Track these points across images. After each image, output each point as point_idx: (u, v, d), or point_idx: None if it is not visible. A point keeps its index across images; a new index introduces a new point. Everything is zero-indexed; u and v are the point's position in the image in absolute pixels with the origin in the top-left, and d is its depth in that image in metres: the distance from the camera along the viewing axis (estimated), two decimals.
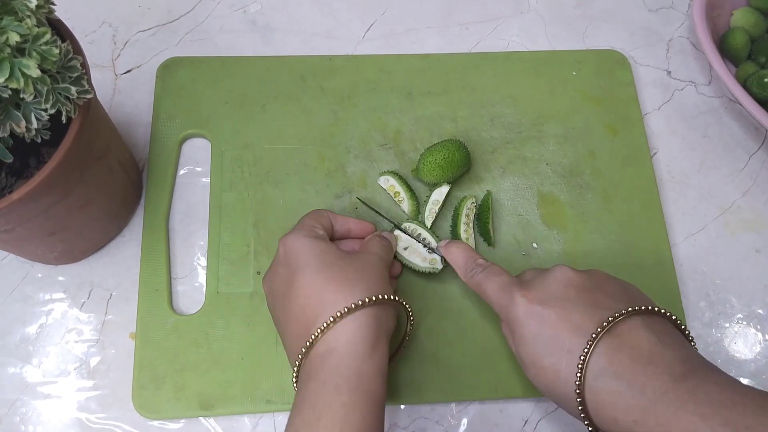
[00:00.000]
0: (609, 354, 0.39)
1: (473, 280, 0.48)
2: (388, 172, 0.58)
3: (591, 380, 0.39)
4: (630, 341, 0.39)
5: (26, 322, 0.53)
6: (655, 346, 0.39)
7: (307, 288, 0.43)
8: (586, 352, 0.39)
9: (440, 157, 0.55)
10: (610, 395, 0.38)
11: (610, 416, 0.38)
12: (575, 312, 0.41)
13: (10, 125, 0.37)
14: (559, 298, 0.42)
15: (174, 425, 0.50)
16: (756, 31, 0.66)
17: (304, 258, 0.44)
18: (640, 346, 0.39)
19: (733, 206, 0.62)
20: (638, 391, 0.37)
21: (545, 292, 0.43)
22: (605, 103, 0.64)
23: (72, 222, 0.48)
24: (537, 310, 0.42)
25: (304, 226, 0.48)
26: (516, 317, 0.43)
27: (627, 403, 0.37)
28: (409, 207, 0.57)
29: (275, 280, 0.46)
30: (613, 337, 0.39)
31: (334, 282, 0.43)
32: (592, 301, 0.42)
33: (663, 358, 0.38)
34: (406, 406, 0.52)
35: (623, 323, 0.40)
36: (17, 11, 0.35)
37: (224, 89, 0.61)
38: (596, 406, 0.39)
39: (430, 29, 0.68)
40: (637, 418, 0.37)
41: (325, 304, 0.42)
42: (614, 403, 0.38)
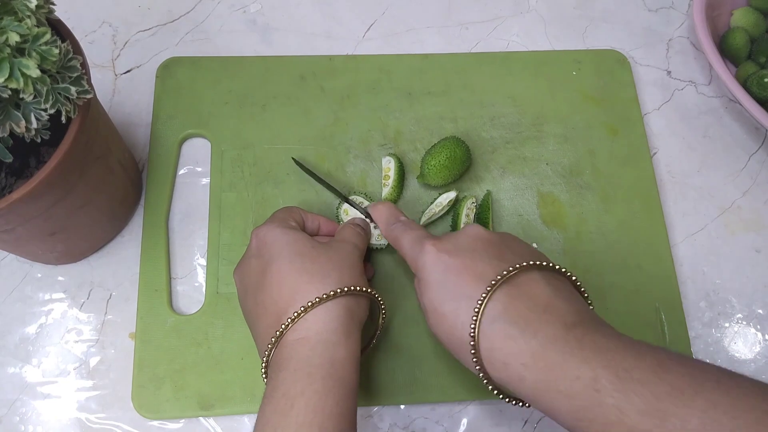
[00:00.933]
0: (506, 301, 0.40)
1: (392, 234, 0.49)
2: (394, 156, 0.58)
3: (486, 325, 0.39)
4: (527, 291, 0.40)
5: (26, 322, 0.53)
6: (551, 297, 0.40)
7: (279, 278, 0.43)
8: (484, 297, 0.39)
9: (443, 158, 0.55)
10: (503, 339, 0.38)
11: (500, 361, 0.39)
12: (479, 262, 0.42)
13: (10, 125, 0.37)
14: (466, 249, 0.43)
15: (174, 425, 0.50)
16: (756, 31, 0.66)
17: (276, 248, 0.45)
18: (537, 296, 0.40)
19: (733, 206, 0.62)
20: (531, 336, 0.38)
21: (454, 244, 0.44)
22: (605, 103, 0.64)
23: (72, 222, 0.48)
24: (443, 258, 0.43)
25: (276, 218, 0.49)
26: (423, 264, 0.44)
27: (519, 347, 0.38)
28: (388, 194, 0.57)
29: (247, 271, 0.46)
30: (511, 287, 0.40)
31: (306, 272, 0.43)
32: (497, 254, 0.43)
33: (557, 308, 0.39)
34: (406, 406, 0.52)
35: (523, 275, 0.41)
36: (17, 11, 0.35)
37: (224, 89, 0.61)
38: (489, 352, 0.39)
39: (430, 29, 0.68)
40: (526, 362, 0.37)
41: (298, 294, 0.42)
42: (506, 347, 0.38)
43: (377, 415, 0.51)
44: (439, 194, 0.57)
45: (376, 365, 0.52)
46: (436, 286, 0.42)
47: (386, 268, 0.55)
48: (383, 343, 0.52)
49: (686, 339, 0.55)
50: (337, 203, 0.56)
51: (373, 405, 0.51)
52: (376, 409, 0.52)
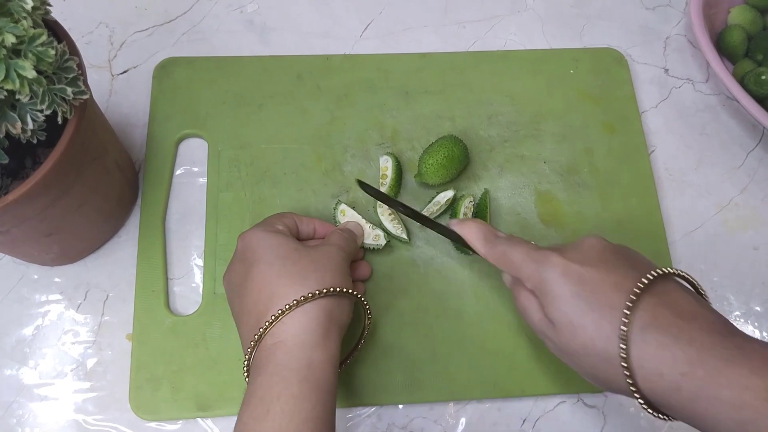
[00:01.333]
0: (651, 310, 0.38)
1: (496, 249, 0.46)
2: (391, 155, 0.58)
3: (635, 334, 0.38)
4: (669, 300, 0.39)
5: (22, 324, 0.52)
6: (694, 306, 0.39)
7: (260, 281, 0.43)
8: (630, 305, 0.38)
9: (441, 157, 0.55)
10: (657, 348, 0.37)
11: (655, 371, 0.37)
12: (614, 271, 0.41)
13: (6, 126, 0.37)
14: (597, 260, 0.42)
15: (171, 426, 0.50)
16: (753, 29, 0.66)
17: (259, 252, 0.45)
18: (681, 305, 0.39)
19: (730, 203, 0.62)
20: (686, 343, 0.36)
21: (582, 254, 0.42)
22: (603, 101, 0.64)
23: (68, 223, 0.47)
24: (575, 268, 0.41)
25: (263, 222, 0.49)
26: (552, 278, 0.42)
27: (674, 355, 0.36)
28: (387, 190, 0.57)
29: (232, 274, 0.46)
30: (652, 296, 0.39)
31: (286, 275, 0.43)
32: (628, 263, 0.42)
33: (704, 316, 0.38)
34: (404, 405, 0.52)
35: (660, 284, 0.40)
36: (13, 12, 0.35)
37: (221, 89, 0.61)
38: (640, 362, 0.38)
39: (427, 28, 0.68)
40: (684, 371, 0.36)
41: (276, 297, 0.42)
42: (660, 356, 0.37)
43: (375, 415, 0.51)
44: (436, 193, 0.57)
45: (374, 365, 0.52)
46: (571, 298, 0.41)
47: (383, 267, 0.55)
48: (381, 343, 0.52)
49: None
50: (334, 203, 0.56)
51: (371, 405, 0.51)
52: (374, 409, 0.52)
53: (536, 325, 0.44)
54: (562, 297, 0.41)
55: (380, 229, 0.55)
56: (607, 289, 0.40)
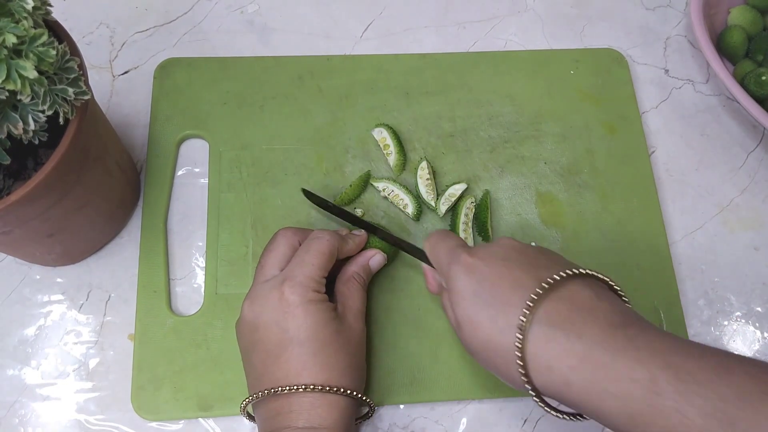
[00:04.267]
0: (547, 306, 0.39)
1: (430, 240, 0.48)
2: (383, 125, 0.59)
3: (530, 329, 0.38)
4: (568, 296, 0.39)
5: (25, 324, 0.52)
6: (592, 300, 0.39)
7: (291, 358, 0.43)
8: (530, 305, 0.38)
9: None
10: (546, 342, 0.37)
11: (544, 365, 0.38)
12: (515, 269, 0.41)
13: (8, 127, 0.37)
14: (500, 258, 0.42)
15: (173, 426, 0.50)
16: (753, 29, 0.67)
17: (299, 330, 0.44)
18: (578, 300, 0.39)
19: (731, 204, 0.62)
20: (575, 337, 0.37)
21: (488, 253, 0.43)
22: (603, 102, 0.64)
23: (70, 223, 0.47)
24: (479, 265, 0.42)
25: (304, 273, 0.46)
26: (456, 275, 0.43)
27: (563, 349, 0.37)
28: (394, 161, 0.58)
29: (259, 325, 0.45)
30: (552, 292, 0.39)
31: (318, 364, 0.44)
32: (532, 262, 0.42)
33: (601, 309, 0.38)
34: (405, 405, 0.52)
35: (563, 285, 0.40)
36: (14, 13, 0.35)
37: (222, 90, 0.61)
38: (531, 356, 0.38)
39: (427, 29, 0.68)
40: (573, 364, 0.36)
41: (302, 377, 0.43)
42: (550, 350, 0.37)
43: (377, 415, 0.51)
44: (446, 186, 0.58)
45: (376, 365, 0.52)
46: (471, 296, 0.41)
47: (386, 267, 0.55)
48: (382, 343, 0.52)
49: (685, 337, 0.55)
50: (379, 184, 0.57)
51: None
52: (375, 409, 0.52)
53: (452, 326, 0.45)
54: (463, 294, 0.42)
55: (410, 195, 0.56)
56: (506, 287, 0.40)
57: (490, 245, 0.45)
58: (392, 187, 0.57)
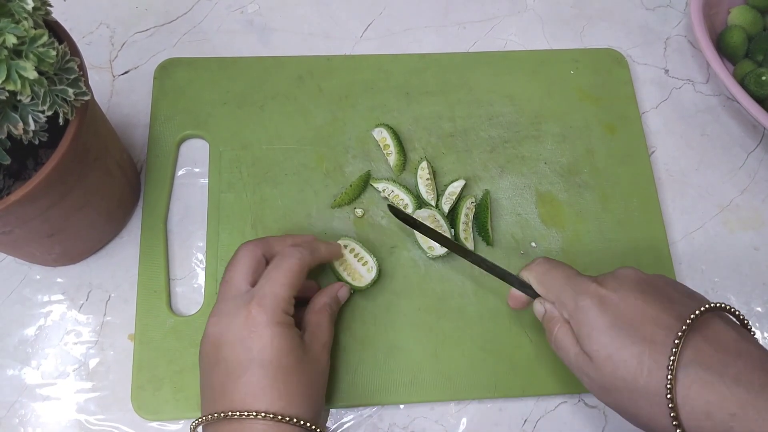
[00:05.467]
0: (693, 346, 0.37)
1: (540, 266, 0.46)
2: (383, 125, 0.59)
3: (680, 371, 0.36)
4: (711, 336, 0.38)
5: (25, 324, 0.53)
6: (738, 341, 0.37)
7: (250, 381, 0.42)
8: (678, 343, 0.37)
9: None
10: (702, 386, 0.36)
11: (702, 410, 0.36)
12: (653, 305, 0.39)
13: (8, 127, 0.37)
14: (635, 291, 0.41)
15: (173, 426, 0.50)
16: (753, 29, 0.67)
17: (262, 352, 0.42)
18: (724, 341, 0.37)
19: (731, 204, 0.62)
20: (732, 382, 0.35)
21: (619, 285, 0.41)
22: (603, 102, 0.64)
23: (70, 224, 0.47)
24: (612, 298, 0.40)
25: (276, 297, 0.44)
26: (587, 306, 0.41)
27: (721, 395, 0.35)
28: (395, 161, 0.58)
29: (234, 330, 0.43)
30: (695, 332, 0.38)
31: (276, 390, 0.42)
32: (667, 296, 0.41)
33: (750, 352, 0.37)
34: (405, 405, 0.52)
35: (702, 320, 0.39)
36: (14, 13, 0.35)
37: (222, 90, 0.61)
38: (686, 399, 0.36)
39: (427, 29, 0.68)
40: (734, 412, 0.35)
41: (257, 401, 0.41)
42: (707, 395, 0.36)
43: (377, 415, 0.51)
44: (445, 186, 0.58)
45: (376, 365, 0.52)
46: (609, 330, 0.39)
47: (384, 267, 0.55)
48: (383, 343, 0.52)
49: None
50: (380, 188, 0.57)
51: (372, 405, 0.51)
52: (375, 409, 0.52)
53: (572, 360, 0.42)
54: (600, 328, 0.40)
55: (410, 195, 0.56)
56: (647, 323, 0.39)
57: (615, 276, 0.43)
58: (392, 188, 0.57)
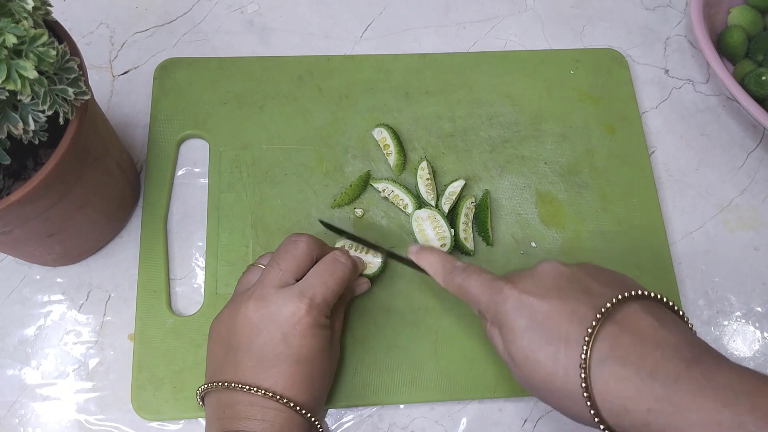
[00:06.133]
0: (610, 339, 0.36)
1: (454, 282, 0.45)
2: (383, 125, 0.59)
3: (595, 367, 0.36)
4: (630, 326, 0.37)
5: (25, 324, 0.53)
6: (657, 330, 0.37)
7: (286, 374, 0.43)
8: (588, 339, 0.36)
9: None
10: (618, 381, 0.35)
11: (619, 405, 0.35)
12: (569, 300, 0.39)
13: (8, 127, 0.37)
14: (550, 288, 0.40)
15: (173, 426, 0.50)
16: (753, 29, 0.67)
17: (306, 353, 0.44)
18: (643, 331, 0.37)
19: (731, 204, 0.62)
20: (647, 376, 0.35)
21: (536, 284, 0.41)
22: (603, 102, 0.64)
23: (70, 223, 0.47)
24: (528, 300, 0.40)
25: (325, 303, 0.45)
26: (506, 311, 0.40)
27: (638, 389, 0.35)
28: (394, 161, 0.58)
29: (278, 322, 0.44)
30: (612, 323, 0.37)
31: (300, 378, 0.44)
32: (585, 289, 0.40)
33: (668, 342, 0.36)
34: (405, 405, 0.52)
35: (621, 309, 0.38)
36: (14, 13, 0.35)
37: (222, 90, 0.61)
38: (603, 395, 0.36)
39: (427, 29, 0.68)
40: (651, 406, 0.34)
41: (287, 392, 0.43)
42: (623, 391, 0.35)
43: (377, 415, 0.51)
44: (444, 186, 0.58)
45: (376, 365, 0.52)
46: (526, 332, 0.39)
47: (387, 267, 0.55)
48: (383, 343, 0.52)
49: None
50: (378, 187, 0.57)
51: (372, 405, 0.51)
52: (375, 409, 0.52)
53: (502, 356, 0.43)
54: (516, 331, 0.40)
55: (410, 195, 0.56)
56: (562, 321, 0.38)
57: (533, 273, 0.42)
58: (392, 188, 0.57)
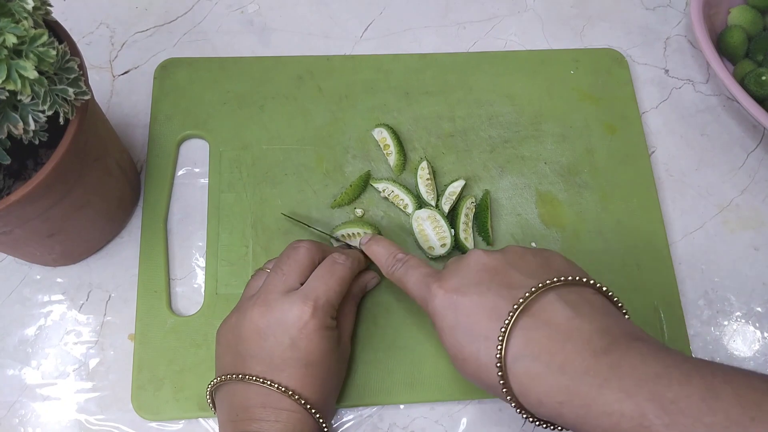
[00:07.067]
0: (525, 335, 0.37)
1: (394, 276, 0.47)
2: (383, 125, 0.59)
3: (510, 364, 0.37)
4: (545, 318, 0.38)
5: (25, 324, 0.53)
6: (571, 320, 0.37)
7: (296, 377, 0.43)
8: (501, 338, 0.37)
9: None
10: (531, 378, 0.36)
11: (534, 399, 0.37)
12: (489, 296, 0.39)
13: (8, 127, 0.37)
14: (473, 284, 0.40)
15: (173, 426, 0.50)
16: (753, 29, 0.67)
17: (314, 356, 0.44)
18: (557, 323, 0.37)
19: (731, 204, 0.62)
20: (557, 370, 0.36)
21: (460, 280, 0.41)
22: (603, 102, 0.64)
23: (70, 223, 0.47)
24: (453, 299, 0.40)
25: (330, 304, 0.45)
26: (434, 309, 0.41)
27: (549, 384, 0.36)
28: (394, 161, 0.58)
29: (285, 327, 0.44)
30: (528, 317, 0.38)
31: (311, 379, 0.44)
32: (506, 282, 0.40)
33: (581, 332, 0.36)
34: (405, 405, 0.52)
35: (538, 301, 0.38)
36: (14, 13, 0.35)
37: (222, 90, 0.61)
38: (520, 389, 0.37)
39: (427, 29, 0.68)
40: (561, 400, 0.35)
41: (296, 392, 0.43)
42: (536, 385, 0.36)
43: (377, 415, 0.51)
44: (445, 186, 0.58)
45: (376, 365, 0.52)
46: (452, 330, 0.40)
47: None
48: (383, 343, 0.52)
49: (685, 337, 0.55)
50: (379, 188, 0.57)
51: (372, 405, 0.52)
52: (375, 409, 0.52)
53: None
54: (444, 329, 0.41)
55: (410, 195, 0.56)
56: (481, 318, 0.39)
57: (459, 267, 0.42)
58: (392, 188, 0.57)
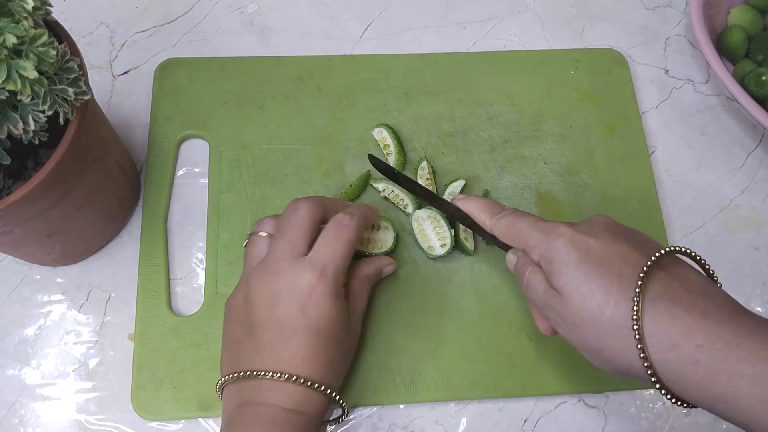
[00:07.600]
0: (662, 283, 0.37)
1: (502, 221, 0.46)
2: (383, 125, 0.59)
3: (647, 303, 0.37)
4: (680, 275, 0.38)
5: (25, 324, 0.53)
6: (704, 283, 0.38)
7: (304, 347, 0.43)
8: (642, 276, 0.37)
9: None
10: (670, 318, 0.36)
11: (669, 342, 0.35)
12: (622, 244, 0.40)
13: (8, 127, 0.37)
14: (605, 232, 0.41)
15: (173, 426, 0.50)
16: (753, 29, 0.67)
17: (323, 323, 0.43)
18: (692, 281, 0.38)
19: (731, 204, 0.62)
20: (700, 315, 0.35)
21: (590, 227, 0.42)
22: (603, 102, 0.64)
23: (70, 223, 0.47)
24: (583, 238, 0.40)
25: (338, 270, 0.45)
26: (558, 246, 0.41)
27: (689, 326, 0.35)
28: (395, 161, 0.58)
29: (295, 294, 0.44)
30: (662, 270, 0.38)
31: (320, 356, 0.43)
32: (636, 240, 0.41)
33: (716, 294, 0.37)
34: (405, 405, 0.52)
35: (671, 261, 0.39)
36: (14, 13, 0.35)
37: (222, 90, 0.61)
38: (653, 331, 0.36)
39: (427, 29, 0.68)
40: (701, 343, 0.34)
41: (305, 366, 0.43)
42: (674, 326, 0.35)
43: (377, 415, 0.51)
44: (444, 186, 0.58)
45: (375, 365, 0.52)
46: (579, 264, 0.39)
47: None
48: (383, 343, 0.52)
49: None
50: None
51: (372, 405, 0.52)
52: (375, 409, 0.52)
53: (541, 298, 0.42)
54: (569, 263, 0.40)
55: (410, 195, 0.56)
56: (616, 259, 0.39)
57: (587, 221, 0.43)
58: (392, 188, 0.57)
